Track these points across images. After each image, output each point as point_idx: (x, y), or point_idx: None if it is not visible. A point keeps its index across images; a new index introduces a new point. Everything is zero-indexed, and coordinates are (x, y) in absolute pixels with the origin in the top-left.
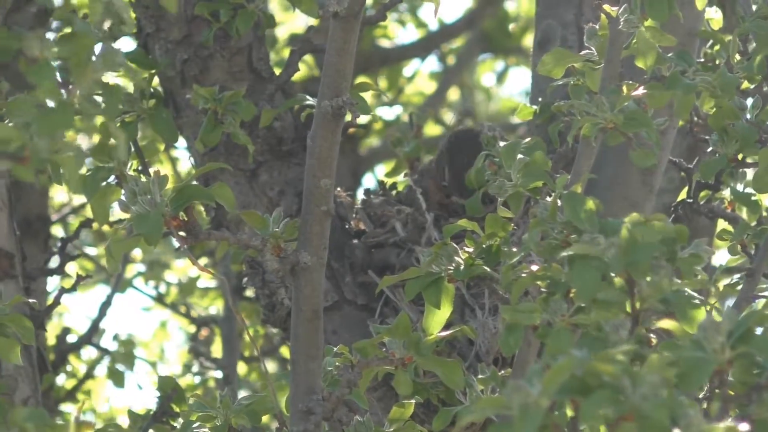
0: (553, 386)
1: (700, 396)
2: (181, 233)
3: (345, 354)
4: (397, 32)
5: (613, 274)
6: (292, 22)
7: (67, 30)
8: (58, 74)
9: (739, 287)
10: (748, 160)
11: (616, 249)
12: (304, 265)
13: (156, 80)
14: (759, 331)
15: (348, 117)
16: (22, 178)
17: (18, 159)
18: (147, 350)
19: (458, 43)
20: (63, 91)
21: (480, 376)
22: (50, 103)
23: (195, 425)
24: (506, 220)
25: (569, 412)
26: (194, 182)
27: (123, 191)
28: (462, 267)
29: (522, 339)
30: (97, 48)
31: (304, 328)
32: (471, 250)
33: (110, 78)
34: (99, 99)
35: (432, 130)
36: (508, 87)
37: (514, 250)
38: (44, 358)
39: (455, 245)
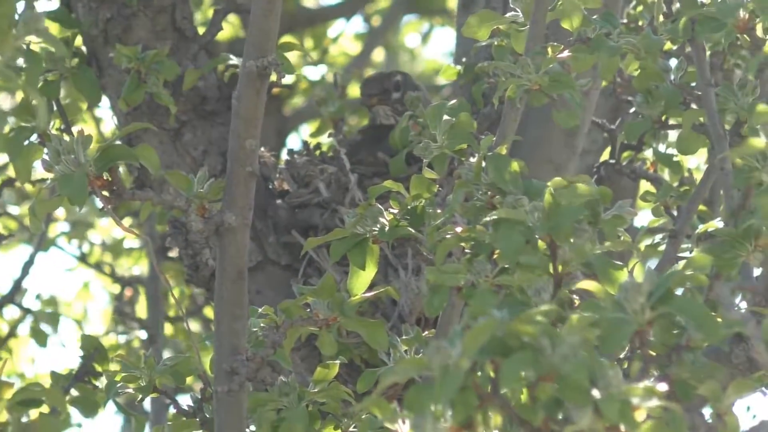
0: (474, 347)
1: (621, 356)
2: (105, 193)
3: (270, 315)
4: None
5: (537, 237)
6: None
7: None
8: None
9: (661, 248)
10: (672, 122)
11: (540, 213)
12: (228, 225)
13: (79, 39)
14: (679, 292)
15: (273, 77)
16: None
17: None
18: (70, 310)
19: (383, 4)
20: None
21: (404, 337)
22: None
23: (119, 385)
24: (431, 181)
25: (490, 373)
26: (118, 142)
27: (46, 150)
28: (387, 228)
29: (446, 300)
30: (19, 10)
31: (229, 288)
32: (396, 211)
33: (32, 43)
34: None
35: (356, 91)
36: (432, 48)
37: (439, 211)
38: None
39: (380, 206)
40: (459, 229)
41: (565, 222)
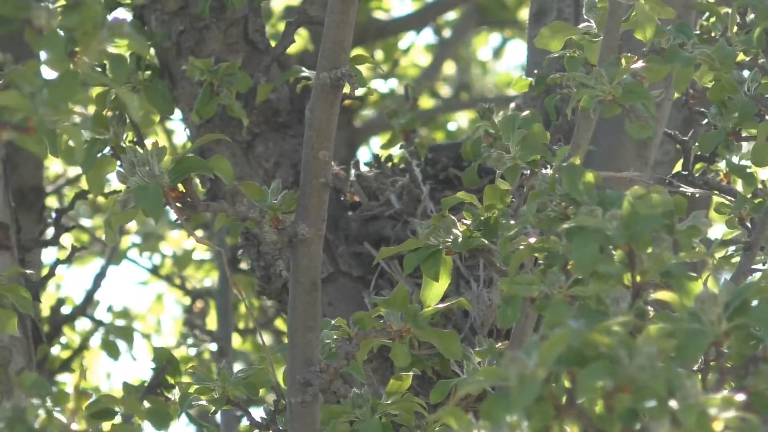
0: (550, 357)
1: (696, 368)
2: (179, 205)
3: (343, 326)
4: (393, 4)
5: (611, 247)
6: None
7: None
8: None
9: (734, 260)
10: (746, 134)
11: (618, 221)
12: (302, 237)
13: (152, 52)
14: (755, 303)
15: (346, 89)
16: (28, 149)
17: (23, 129)
18: (143, 323)
19: (454, 16)
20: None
21: (477, 349)
22: (51, 74)
23: (192, 397)
24: (504, 191)
25: (566, 384)
26: (191, 154)
27: (119, 163)
28: (460, 239)
29: (519, 311)
30: (105, 18)
31: (302, 300)
32: (469, 222)
33: (112, 48)
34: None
35: (427, 103)
36: (504, 61)
37: (512, 222)
38: (39, 330)
39: (453, 217)
40: (532, 240)
41: (644, 231)
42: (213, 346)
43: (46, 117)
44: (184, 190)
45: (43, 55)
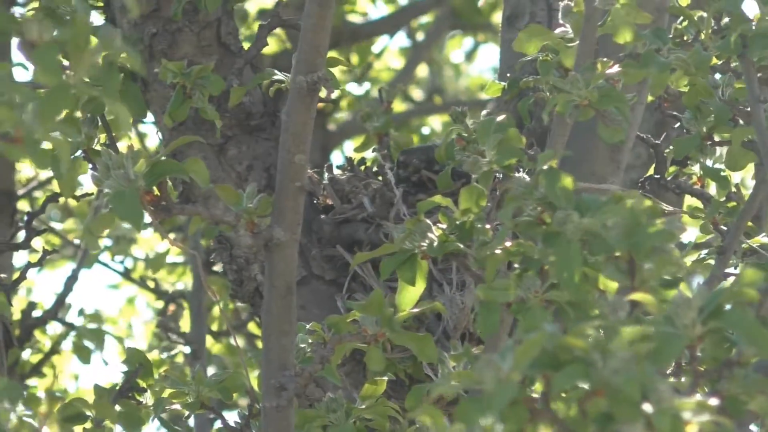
0: (525, 361)
1: (669, 371)
2: (153, 208)
3: (317, 331)
4: (367, 8)
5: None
6: None
7: (34, 5)
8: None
9: (707, 263)
10: (720, 138)
11: (619, 229)
12: (277, 241)
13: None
14: (729, 307)
15: (322, 93)
16: (13, 159)
17: (10, 139)
18: (115, 326)
19: (427, 19)
20: None
21: (453, 352)
22: (24, 77)
23: (166, 401)
24: (480, 195)
25: (540, 387)
26: (164, 157)
27: (90, 165)
28: (435, 243)
29: (498, 317)
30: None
31: (277, 303)
32: (444, 226)
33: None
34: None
35: (400, 106)
36: (477, 64)
37: (488, 227)
38: (10, 333)
39: (428, 221)
40: (508, 244)
41: (646, 240)
42: (186, 349)
43: (35, 128)
44: (159, 194)
45: (15, 57)
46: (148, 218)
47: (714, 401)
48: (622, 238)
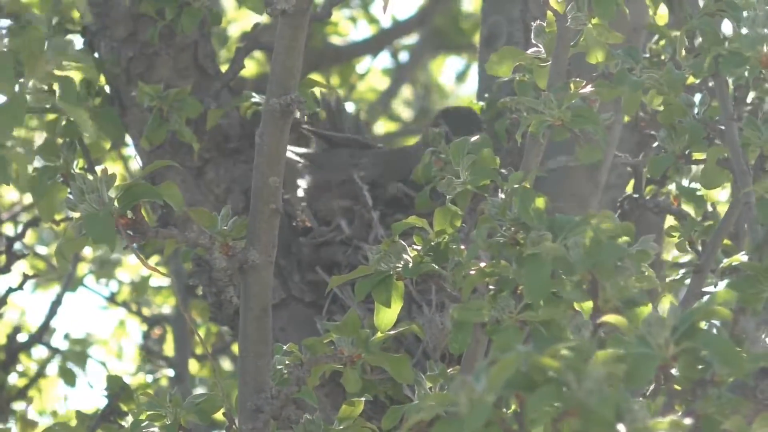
0: (499, 382)
1: (648, 392)
2: (129, 232)
3: (294, 352)
4: (349, 29)
5: (562, 273)
6: (245, 20)
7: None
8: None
9: (686, 281)
10: (696, 157)
11: (580, 249)
12: (252, 263)
13: (101, 78)
14: (703, 326)
15: (297, 114)
16: None
17: None
18: (106, 348)
19: (411, 40)
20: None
21: (428, 373)
22: None
23: (144, 424)
24: (455, 216)
25: (514, 408)
26: (141, 180)
27: (69, 189)
28: (410, 265)
29: (470, 336)
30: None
31: (253, 326)
32: (419, 247)
33: (63, 71)
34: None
35: (381, 128)
36: (467, 85)
37: (462, 247)
38: None
39: (403, 243)
40: (483, 265)
41: (608, 259)
42: (170, 372)
43: None
44: (134, 217)
45: None
46: (125, 242)
47: (688, 421)
48: (583, 258)
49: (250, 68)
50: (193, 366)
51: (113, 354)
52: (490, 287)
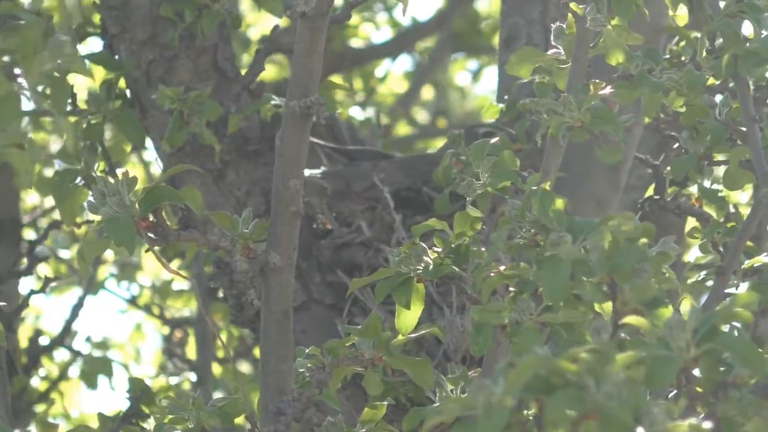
0: (517, 385)
1: (671, 395)
2: (151, 235)
3: (316, 355)
4: (370, 32)
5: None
6: (265, 23)
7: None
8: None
9: (708, 283)
10: (718, 158)
11: (600, 252)
12: (273, 265)
13: (122, 81)
14: (726, 328)
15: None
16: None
17: None
18: (122, 352)
19: (430, 43)
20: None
21: (450, 376)
22: None
23: (167, 427)
24: (475, 218)
25: (533, 411)
26: (162, 184)
27: (91, 192)
28: (431, 267)
29: (491, 338)
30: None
31: (274, 328)
32: (440, 249)
33: (72, 76)
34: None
35: (405, 129)
36: (483, 85)
37: (483, 249)
38: (13, 361)
39: (424, 245)
40: (503, 267)
41: (626, 262)
42: (192, 376)
43: None
44: (155, 220)
45: None
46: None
47: (708, 424)
48: (602, 261)
49: (270, 71)
50: (215, 369)
51: (131, 357)
52: (510, 289)
